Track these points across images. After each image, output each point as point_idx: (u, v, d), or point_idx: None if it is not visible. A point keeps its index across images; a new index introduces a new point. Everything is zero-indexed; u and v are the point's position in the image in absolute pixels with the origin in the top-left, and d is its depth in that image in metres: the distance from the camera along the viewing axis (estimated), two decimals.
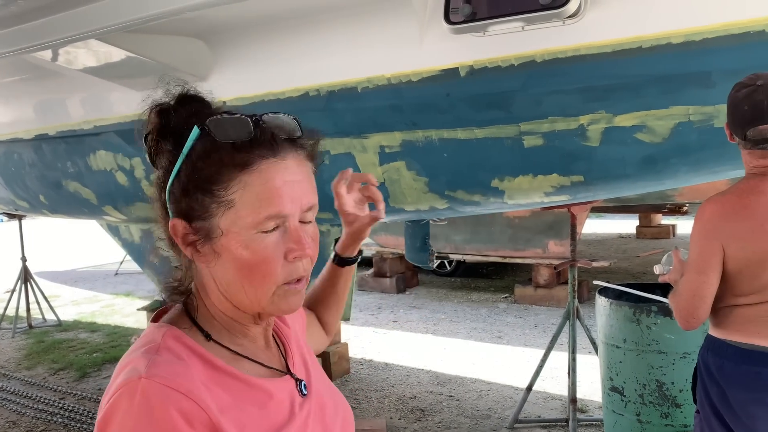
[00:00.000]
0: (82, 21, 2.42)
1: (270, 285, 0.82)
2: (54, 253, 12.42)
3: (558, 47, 2.28)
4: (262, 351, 0.92)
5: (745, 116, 1.89)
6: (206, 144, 0.81)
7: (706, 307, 1.94)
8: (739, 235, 1.87)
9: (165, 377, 0.75)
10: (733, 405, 1.93)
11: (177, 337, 0.83)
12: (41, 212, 5.22)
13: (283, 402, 0.87)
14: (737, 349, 1.93)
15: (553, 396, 4.37)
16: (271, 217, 0.81)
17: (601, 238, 10.42)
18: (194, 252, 0.84)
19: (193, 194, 0.82)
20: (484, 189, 2.84)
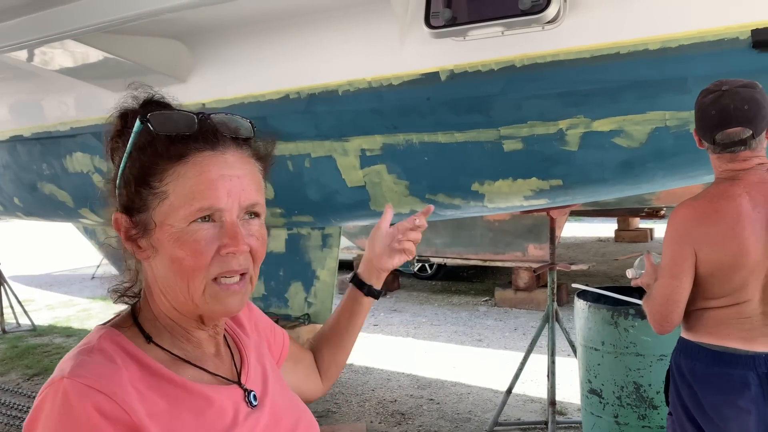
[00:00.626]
0: (58, 21, 2.39)
1: (200, 279, 0.80)
2: (29, 257, 12.21)
3: (537, 52, 2.30)
4: (210, 358, 0.89)
5: (713, 120, 1.91)
6: (146, 137, 0.81)
7: (680, 311, 1.96)
8: (711, 239, 1.89)
9: (88, 377, 0.74)
10: (705, 407, 1.95)
11: (114, 339, 0.82)
12: (15, 215, 5.13)
13: (225, 410, 0.84)
14: (709, 351, 1.95)
15: (532, 399, 4.39)
16: (204, 208, 0.79)
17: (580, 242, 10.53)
18: (135, 247, 0.84)
19: (132, 187, 0.82)
20: (465, 192, 2.85)
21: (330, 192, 3.26)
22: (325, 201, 3.35)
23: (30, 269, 10.92)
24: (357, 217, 3.62)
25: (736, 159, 1.91)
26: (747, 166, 1.90)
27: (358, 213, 3.43)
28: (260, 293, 4.00)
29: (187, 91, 3.14)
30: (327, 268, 3.80)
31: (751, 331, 1.89)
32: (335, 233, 3.79)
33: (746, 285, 1.88)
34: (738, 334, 1.90)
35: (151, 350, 0.83)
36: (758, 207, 1.87)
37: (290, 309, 3.94)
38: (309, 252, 3.84)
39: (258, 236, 0.85)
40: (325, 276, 3.80)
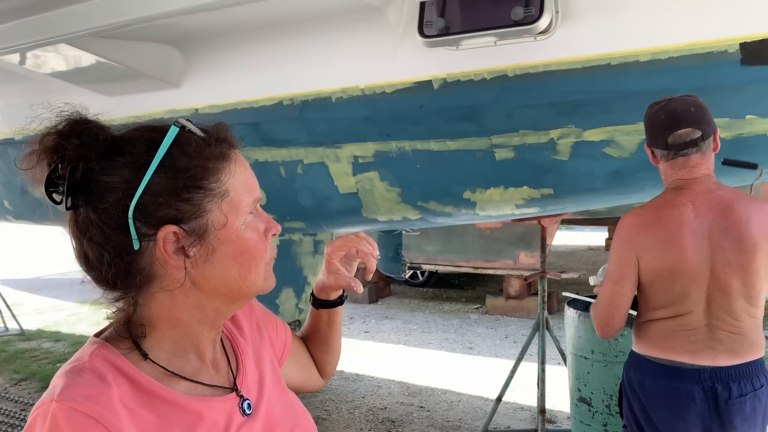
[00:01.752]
0: (52, 25, 2.39)
1: (262, 263, 0.88)
2: (17, 260, 12.12)
3: (529, 62, 2.32)
4: (207, 367, 0.90)
5: (663, 125, 1.97)
6: (182, 144, 0.81)
7: (621, 315, 1.99)
8: (652, 246, 1.92)
9: (76, 400, 0.74)
10: (654, 420, 1.96)
11: (106, 355, 0.81)
12: (5, 218, 5.09)
13: (217, 423, 0.84)
14: (656, 365, 1.96)
15: (522, 407, 4.40)
16: (257, 198, 0.88)
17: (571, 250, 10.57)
18: (183, 259, 0.82)
19: (181, 195, 0.80)
20: (456, 200, 2.86)
21: (322, 198, 3.27)
22: (317, 207, 3.35)
23: (19, 273, 10.84)
24: (349, 224, 3.62)
25: (687, 164, 1.95)
26: (695, 175, 1.95)
27: (350, 220, 3.44)
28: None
29: (181, 96, 3.14)
30: (318, 274, 3.80)
31: (696, 344, 1.90)
32: (327, 240, 3.80)
33: (688, 294, 1.90)
34: (683, 347, 1.91)
35: (144, 365, 0.83)
36: (701, 216, 1.90)
37: (281, 315, 3.93)
38: (300, 258, 3.84)
39: None
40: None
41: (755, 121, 2.19)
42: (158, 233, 0.80)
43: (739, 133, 2.24)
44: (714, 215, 1.89)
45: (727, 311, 1.89)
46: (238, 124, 3.08)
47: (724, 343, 1.90)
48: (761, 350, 1.95)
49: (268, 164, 3.25)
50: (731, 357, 1.89)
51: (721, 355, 1.90)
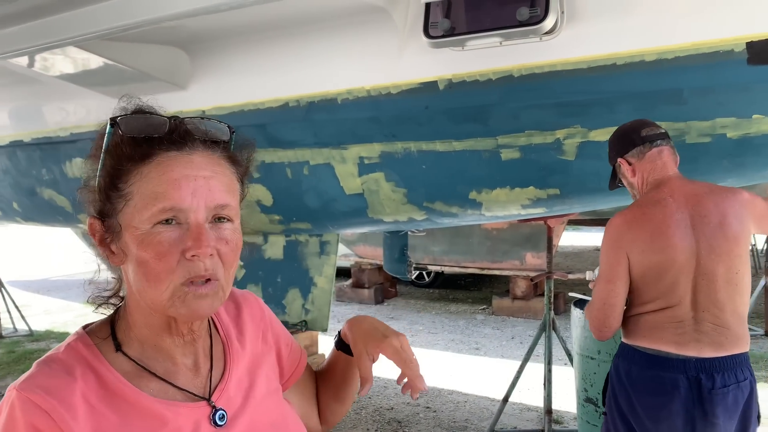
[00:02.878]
0: (60, 28, 2.41)
1: (166, 283, 0.78)
2: (26, 262, 12.20)
3: (535, 62, 2.32)
4: (183, 370, 0.87)
5: (630, 128, 2.12)
6: (116, 139, 0.81)
7: (616, 315, 2.05)
8: (640, 241, 2.00)
9: (33, 391, 0.75)
10: (638, 408, 2.02)
11: (80, 348, 0.82)
12: (14, 220, 5.13)
13: (181, 430, 0.82)
14: (643, 355, 2.03)
15: (529, 407, 4.39)
16: (166, 209, 0.77)
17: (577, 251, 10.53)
18: (108, 252, 0.83)
19: (103, 191, 0.82)
20: (462, 201, 2.87)
21: (328, 199, 3.28)
22: (323, 208, 3.36)
23: (27, 274, 10.91)
24: (355, 225, 3.63)
25: (662, 156, 2.07)
26: (670, 172, 2.07)
27: (356, 220, 3.44)
28: None
29: (188, 98, 3.16)
30: (324, 275, 3.81)
31: (683, 335, 1.97)
32: (333, 240, 3.80)
33: (677, 285, 1.97)
34: (671, 338, 1.98)
35: (117, 360, 0.83)
36: (681, 208, 2.00)
37: (288, 315, 3.94)
38: (307, 259, 3.85)
39: (229, 240, 0.81)
40: (322, 283, 3.81)
41: (762, 120, 2.18)
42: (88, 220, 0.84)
43: (746, 133, 2.23)
44: (692, 206, 2.00)
45: (714, 302, 1.96)
46: (244, 125, 3.10)
47: (709, 335, 1.97)
48: (746, 345, 2.02)
49: (274, 165, 3.26)
50: (716, 349, 1.96)
51: (706, 347, 1.96)
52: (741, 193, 2.06)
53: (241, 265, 3.99)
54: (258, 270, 3.97)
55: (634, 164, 2.11)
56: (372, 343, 0.97)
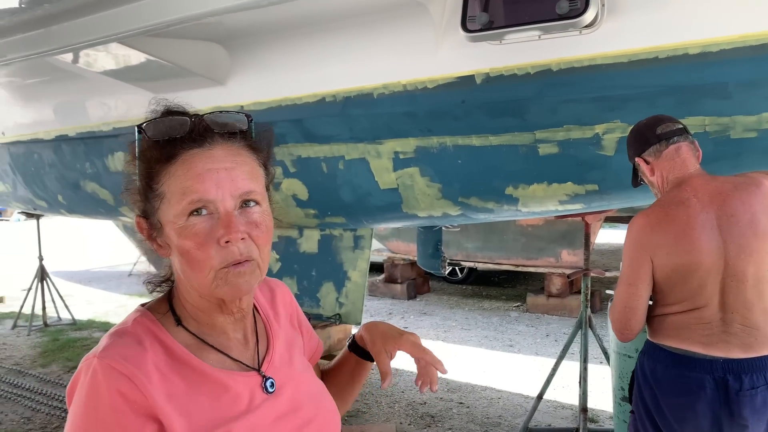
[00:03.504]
0: (105, 25, 2.47)
1: (207, 270, 0.85)
2: (69, 253, 12.56)
3: (574, 56, 2.29)
4: (235, 343, 0.95)
5: (646, 126, 2.05)
6: (144, 144, 0.88)
7: (638, 318, 2.00)
8: (664, 244, 1.93)
9: (114, 358, 0.83)
10: (663, 407, 1.98)
11: (145, 322, 0.90)
12: (59, 212, 5.29)
13: (241, 396, 0.90)
14: (669, 354, 1.98)
15: (563, 405, 4.34)
16: (194, 201, 0.84)
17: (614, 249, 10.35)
18: (156, 246, 0.91)
19: (142, 192, 0.90)
20: (498, 196, 2.85)
21: (363, 194, 3.29)
22: (358, 203, 3.38)
23: (70, 265, 11.23)
24: (389, 220, 3.64)
25: (680, 153, 2.00)
26: (690, 169, 2.00)
27: (390, 215, 3.45)
28: (293, 292, 4.05)
29: (226, 93, 3.21)
30: (358, 269, 3.83)
31: (711, 336, 1.92)
32: (367, 235, 3.82)
33: (704, 287, 1.91)
34: (698, 339, 1.93)
35: (179, 334, 0.91)
36: (706, 208, 1.93)
37: (322, 309, 3.98)
38: (341, 253, 3.88)
39: (259, 223, 0.88)
40: (356, 277, 3.84)
41: None
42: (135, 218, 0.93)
43: None
44: (718, 205, 1.93)
45: (743, 302, 1.91)
46: (281, 120, 3.13)
47: (738, 336, 1.91)
48: None
49: (310, 160, 3.29)
50: (745, 350, 1.91)
51: (734, 348, 1.91)
52: (764, 183, 1.97)
53: (277, 258, 4.04)
54: (293, 263, 4.01)
55: (652, 163, 2.05)
56: (390, 341, 1.06)
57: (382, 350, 1.05)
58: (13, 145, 4.76)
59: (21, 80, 4.31)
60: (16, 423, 4.25)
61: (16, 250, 13.03)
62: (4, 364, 5.55)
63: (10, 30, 2.72)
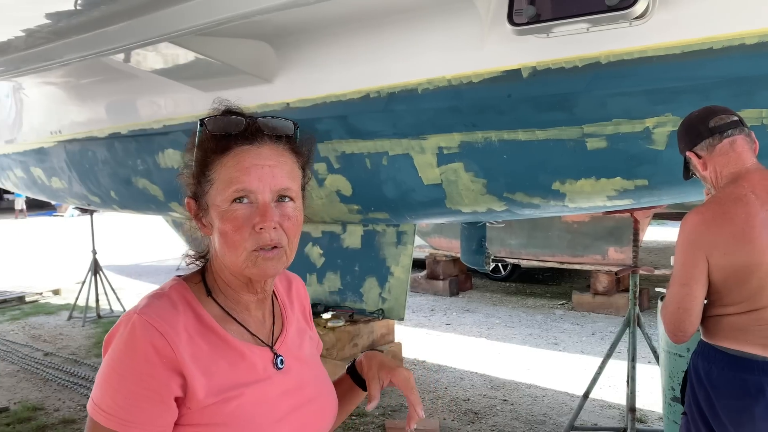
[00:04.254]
0: (157, 25, 2.54)
1: (241, 250, 0.96)
2: (121, 248, 12.96)
3: (624, 48, 2.24)
4: (254, 320, 1.06)
5: (699, 118, 1.95)
6: (203, 136, 1.00)
7: (693, 319, 1.91)
8: (721, 243, 1.84)
9: (152, 317, 0.94)
10: (719, 411, 1.90)
11: (181, 290, 1.02)
12: (111, 207, 5.47)
13: (255, 365, 1.01)
14: (725, 355, 1.90)
15: (610, 404, 4.26)
16: (239, 190, 0.96)
17: (662, 246, 10.09)
18: (201, 225, 1.03)
19: (195, 177, 1.02)
20: (545, 191, 2.81)
21: (406, 189, 3.30)
22: (401, 198, 3.39)
23: (121, 259, 11.59)
24: (432, 215, 3.64)
25: (735, 147, 1.91)
26: (746, 163, 1.90)
27: (434, 211, 3.45)
28: (336, 287, 4.09)
29: (273, 91, 3.26)
30: (401, 264, 3.84)
31: None
32: (410, 231, 3.83)
33: (763, 288, 1.83)
34: (757, 341, 1.85)
35: (208, 303, 1.02)
36: (766, 205, 1.83)
37: (365, 304, 4.00)
38: (384, 248, 3.90)
39: (291, 216, 0.99)
40: (399, 272, 3.85)
41: None
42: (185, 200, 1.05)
43: None
44: None
45: None
46: (326, 117, 3.16)
47: None
48: None
49: (354, 156, 3.31)
50: None
51: None
52: None
53: (321, 253, 4.09)
54: (337, 258, 4.05)
55: (704, 157, 1.96)
56: (385, 370, 1.15)
57: (376, 376, 1.14)
58: (69, 143, 4.94)
59: (76, 80, 4.47)
60: (73, 410, 4.43)
61: (71, 245, 13.53)
62: (61, 353, 5.78)
63: (68, 32, 2.82)
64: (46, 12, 2.58)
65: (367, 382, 1.16)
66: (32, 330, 6.76)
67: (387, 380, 1.14)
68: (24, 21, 2.70)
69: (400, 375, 1.13)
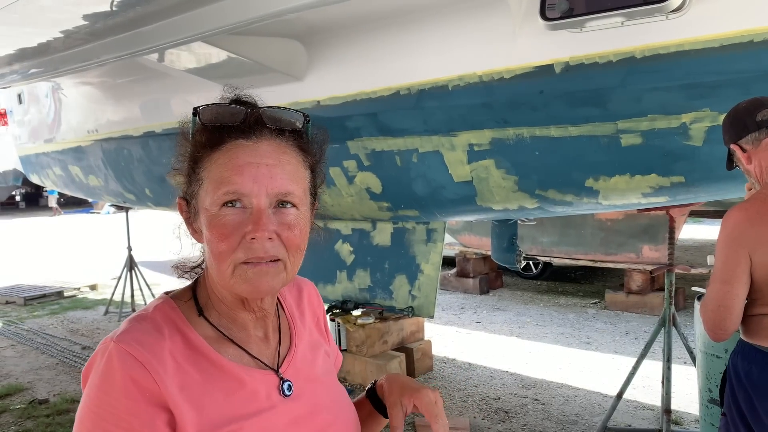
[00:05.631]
0: (190, 24, 2.57)
1: (228, 263, 0.82)
2: (155, 244, 13.20)
3: (660, 42, 2.20)
4: (255, 341, 0.91)
5: (747, 110, 1.89)
6: (195, 127, 0.86)
7: (734, 317, 1.87)
8: (765, 241, 1.80)
9: (130, 343, 0.81)
10: (760, 412, 1.85)
11: (166, 310, 0.87)
12: (146, 204, 5.58)
13: (257, 393, 0.87)
14: (766, 355, 1.86)
15: (644, 405, 4.19)
16: (229, 192, 0.81)
17: (698, 244, 9.87)
18: (192, 231, 0.89)
19: (186, 174, 0.88)
20: (578, 189, 2.77)
21: (436, 187, 3.29)
22: (431, 196, 3.38)
23: (156, 256, 11.81)
24: (462, 213, 3.62)
25: None
26: None
27: (464, 208, 3.43)
28: (366, 284, 4.10)
29: (304, 88, 3.28)
30: (431, 262, 3.83)
31: None
32: (440, 228, 3.81)
33: None
34: None
35: (199, 324, 0.88)
36: None
37: (395, 301, 4.01)
38: (414, 246, 3.89)
39: (292, 225, 0.84)
40: (429, 270, 3.84)
41: None
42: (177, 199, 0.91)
43: None
44: None
45: None
46: (356, 114, 3.17)
47: None
48: None
49: (384, 153, 3.31)
50: None
51: None
52: None
53: (351, 251, 4.10)
54: (367, 256, 4.06)
55: (749, 151, 1.91)
56: (408, 393, 0.97)
57: (398, 402, 0.97)
58: (105, 142, 5.05)
59: (112, 80, 4.57)
60: None
61: (107, 242, 13.84)
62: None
63: (104, 32, 2.88)
64: (83, 13, 2.64)
65: (388, 409, 0.99)
66: (70, 324, 6.94)
67: (410, 405, 0.97)
68: (62, 22, 2.76)
69: (425, 398, 0.96)
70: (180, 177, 0.89)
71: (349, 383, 4.59)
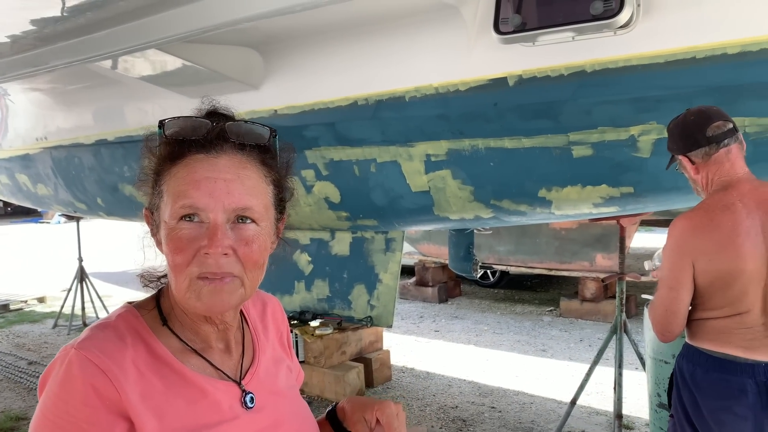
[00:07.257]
0: (144, 32, 2.53)
1: (183, 276, 0.82)
2: (107, 255, 12.86)
3: (609, 57, 2.27)
4: (218, 352, 0.92)
5: (696, 124, 1.96)
6: (160, 140, 0.87)
7: (679, 321, 1.98)
8: (707, 249, 1.89)
9: (92, 351, 0.80)
10: (703, 411, 1.95)
11: (130, 319, 0.87)
12: (98, 214, 5.43)
13: (219, 404, 0.87)
14: (708, 357, 1.95)
15: (597, 411, 4.28)
16: (186, 206, 0.82)
17: (649, 253, 10.20)
18: (157, 242, 0.89)
19: (151, 188, 0.89)
20: (531, 199, 2.83)
21: (394, 196, 3.30)
22: (390, 205, 3.39)
23: (108, 266, 11.49)
24: (420, 222, 3.64)
25: (729, 156, 1.94)
26: (738, 172, 1.94)
27: (422, 218, 3.46)
28: (324, 295, 4.08)
29: (260, 97, 3.26)
30: (390, 271, 3.84)
31: (753, 341, 1.90)
32: (398, 237, 3.83)
33: (746, 294, 1.89)
34: (739, 343, 1.91)
35: (163, 334, 0.88)
36: (752, 214, 1.89)
37: (353, 311, 4.00)
38: (372, 255, 3.89)
39: (250, 241, 0.84)
40: (387, 279, 3.85)
41: None
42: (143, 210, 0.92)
43: None
44: (764, 211, 1.89)
45: None
46: (314, 124, 3.16)
47: None
48: None
49: (342, 163, 3.31)
50: None
51: None
52: None
53: (309, 261, 4.08)
54: (325, 265, 4.04)
55: (698, 164, 2.00)
56: (370, 409, 0.98)
57: (361, 419, 0.98)
58: (54, 150, 4.90)
59: (62, 86, 4.45)
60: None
61: (57, 252, 13.40)
62: (45, 362, 5.71)
63: (54, 38, 2.81)
64: (31, 18, 2.57)
65: (351, 427, 1.00)
66: (16, 338, 6.68)
67: (374, 420, 0.97)
68: (9, 27, 2.68)
69: (387, 409, 0.96)
70: (146, 188, 0.90)
71: (306, 395, 4.55)
